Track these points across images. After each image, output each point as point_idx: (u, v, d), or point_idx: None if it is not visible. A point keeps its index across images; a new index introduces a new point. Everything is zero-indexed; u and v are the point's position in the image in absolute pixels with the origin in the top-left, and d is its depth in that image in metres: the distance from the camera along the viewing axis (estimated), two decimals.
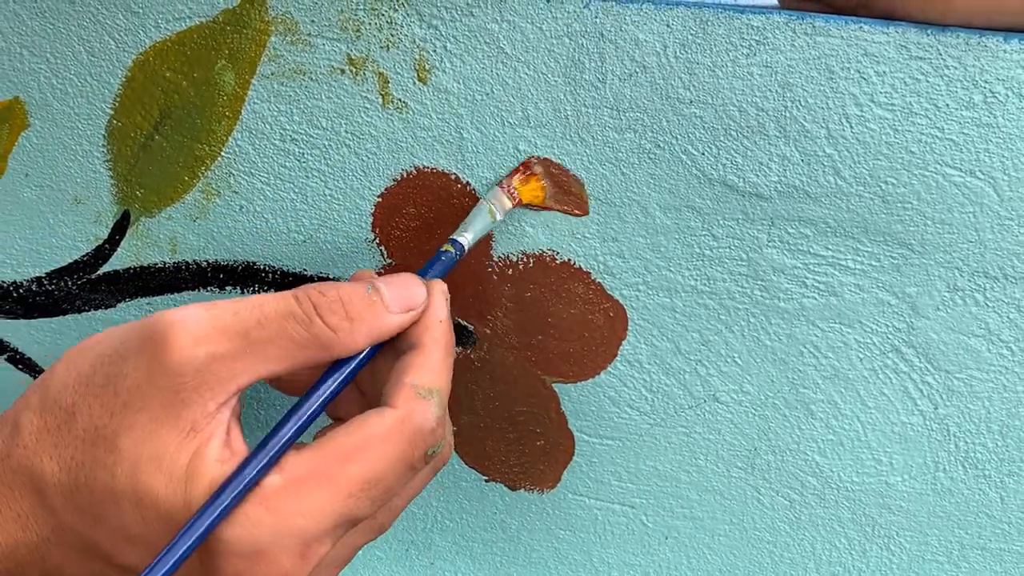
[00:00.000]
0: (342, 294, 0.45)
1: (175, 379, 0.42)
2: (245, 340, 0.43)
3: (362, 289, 0.46)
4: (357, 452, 0.43)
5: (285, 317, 0.44)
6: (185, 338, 0.42)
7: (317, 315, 0.44)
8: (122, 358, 0.43)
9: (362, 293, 0.46)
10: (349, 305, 0.45)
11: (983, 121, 0.52)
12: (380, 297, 0.46)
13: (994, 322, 0.56)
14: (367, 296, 0.46)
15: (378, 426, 0.44)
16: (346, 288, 0.45)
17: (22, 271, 0.63)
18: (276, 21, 0.56)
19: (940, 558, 0.62)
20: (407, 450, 0.44)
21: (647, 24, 0.53)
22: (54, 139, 0.60)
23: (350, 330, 0.45)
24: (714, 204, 0.56)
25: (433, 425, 0.45)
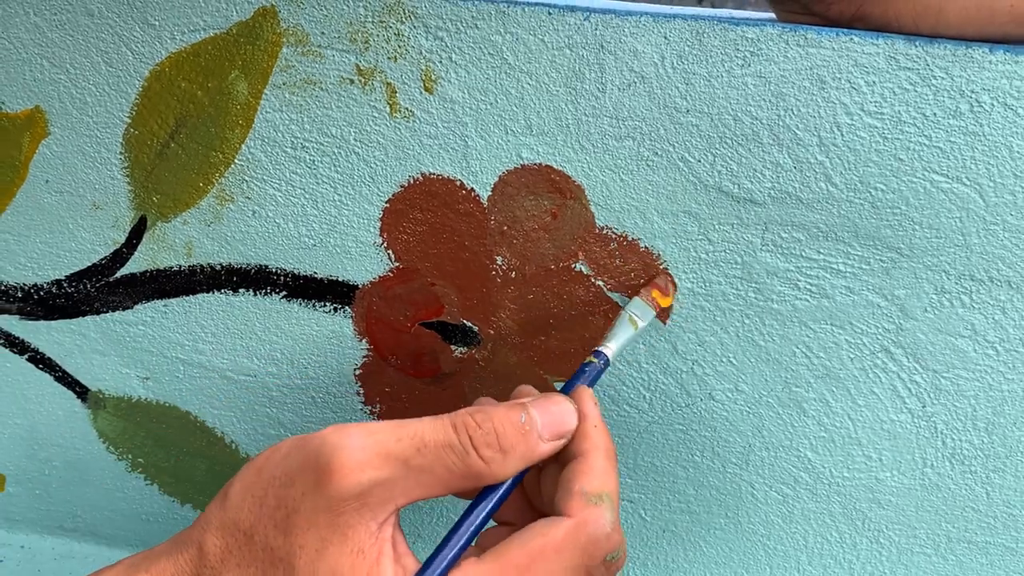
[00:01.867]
0: (496, 426, 0.45)
1: (339, 503, 0.43)
2: (405, 467, 0.43)
3: (516, 418, 0.46)
4: (533, 563, 0.43)
5: (443, 447, 0.44)
6: (349, 465, 0.43)
7: (473, 447, 0.44)
8: (291, 481, 0.44)
9: (516, 423, 0.45)
10: (503, 438, 0.45)
11: (969, 130, 0.52)
12: (533, 426, 0.46)
13: (980, 323, 0.56)
14: (520, 426, 0.45)
15: (553, 536, 0.44)
16: (500, 417, 0.45)
17: (43, 274, 0.63)
18: (287, 33, 0.56)
19: (928, 551, 0.62)
20: (583, 558, 0.44)
21: (645, 36, 0.53)
22: (73, 147, 0.60)
23: (503, 461, 0.45)
24: (710, 209, 0.56)
25: (608, 531, 0.44)
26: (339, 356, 0.63)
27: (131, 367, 0.65)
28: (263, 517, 0.44)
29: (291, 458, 0.44)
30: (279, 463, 0.45)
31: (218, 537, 0.45)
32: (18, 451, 0.69)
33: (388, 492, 0.43)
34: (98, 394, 0.66)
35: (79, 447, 0.68)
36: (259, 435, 0.66)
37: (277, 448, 0.46)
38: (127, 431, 0.67)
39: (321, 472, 0.43)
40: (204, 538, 0.45)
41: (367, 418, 0.64)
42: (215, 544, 0.45)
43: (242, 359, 0.64)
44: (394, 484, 0.43)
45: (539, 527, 0.44)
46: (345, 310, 0.61)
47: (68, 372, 0.66)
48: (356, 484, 0.43)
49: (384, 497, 0.43)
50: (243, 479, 0.45)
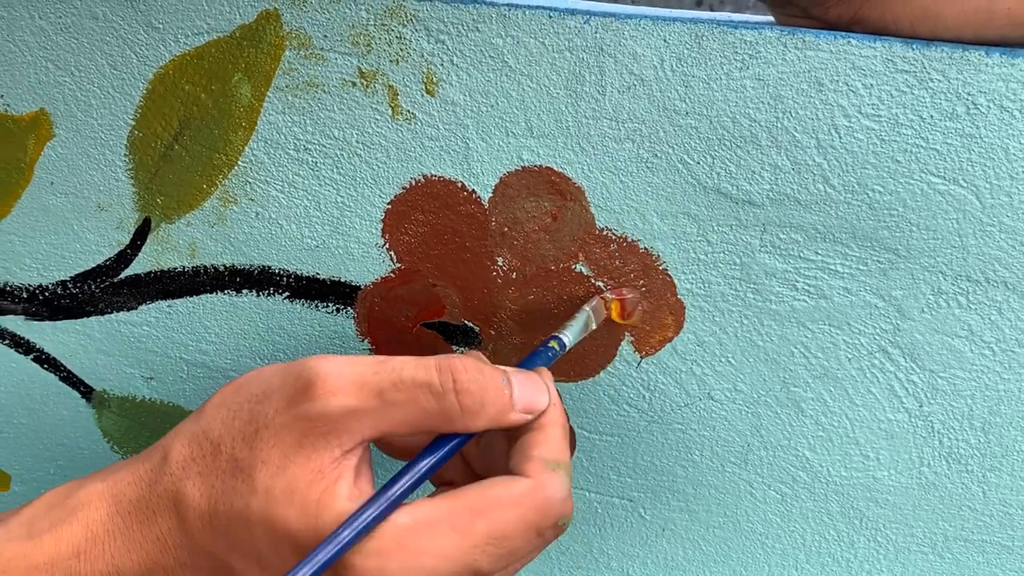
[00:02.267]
0: (481, 378, 0.45)
1: (306, 423, 0.43)
2: (379, 399, 0.44)
3: (499, 379, 0.46)
4: (488, 509, 0.44)
5: (421, 385, 0.45)
6: (324, 387, 0.43)
7: (454, 391, 0.45)
8: (266, 397, 0.45)
9: (498, 383, 0.46)
10: (482, 390, 0.45)
11: (966, 132, 0.52)
12: (511, 392, 0.47)
13: (976, 324, 0.56)
14: (500, 388, 0.46)
15: (510, 490, 0.44)
16: (486, 372, 0.46)
17: (48, 275, 0.63)
18: (290, 36, 0.56)
19: (925, 549, 0.62)
20: (537, 517, 0.44)
21: (645, 39, 0.53)
22: (78, 149, 0.60)
23: (476, 413, 0.46)
24: (709, 211, 0.56)
25: (563, 496, 0.45)
26: None
27: (135, 367, 0.65)
28: (233, 429, 0.45)
29: (272, 378, 0.45)
30: (259, 381, 0.45)
31: (185, 445, 0.46)
32: (23, 450, 0.69)
33: (357, 421, 0.44)
34: (102, 394, 0.66)
35: (84, 446, 0.68)
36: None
37: (261, 370, 0.46)
38: (131, 430, 0.67)
39: (297, 391, 0.44)
40: (171, 445, 0.46)
41: None
42: (181, 451, 0.46)
43: (245, 359, 0.64)
44: (364, 414, 0.44)
45: (499, 480, 0.45)
46: (347, 311, 0.61)
47: (73, 372, 0.66)
48: (327, 406, 0.43)
49: (352, 426, 0.44)
50: (221, 394, 0.46)
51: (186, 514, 0.45)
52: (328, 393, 0.43)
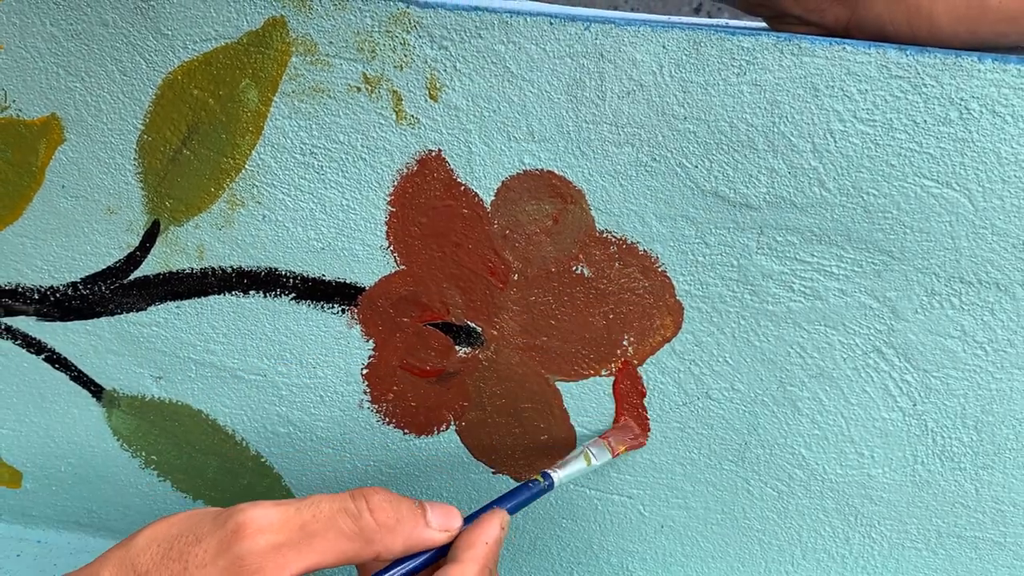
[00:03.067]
0: (391, 499, 0.47)
1: (237, 562, 0.44)
2: (301, 531, 0.45)
3: (411, 501, 0.48)
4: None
5: (338, 512, 0.46)
6: (253, 528, 0.44)
7: (368, 511, 0.46)
8: (198, 540, 0.45)
9: (410, 504, 0.48)
10: (396, 510, 0.47)
11: (959, 136, 0.52)
12: (424, 512, 0.48)
13: (969, 324, 0.56)
14: (413, 508, 0.48)
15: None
16: (397, 496, 0.47)
17: (59, 276, 0.63)
18: (297, 42, 0.56)
19: (919, 545, 0.62)
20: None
21: (644, 45, 0.53)
22: (89, 153, 0.60)
23: (391, 530, 0.47)
24: (707, 214, 0.56)
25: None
26: (346, 356, 0.63)
27: (144, 367, 0.65)
28: (162, 566, 0.45)
29: (204, 521, 0.46)
30: (192, 523, 0.46)
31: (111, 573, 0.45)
32: (35, 449, 0.69)
33: (283, 556, 0.44)
34: (112, 393, 0.66)
35: (94, 445, 0.68)
36: (269, 433, 0.66)
37: (195, 512, 0.47)
38: (140, 429, 0.67)
39: (227, 534, 0.44)
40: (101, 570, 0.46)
41: (373, 416, 0.64)
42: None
43: (252, 359, 0.64)
44: (289, 547, 0.44)
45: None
46: (352, 311, 0.61)
47: (83, 372, 0.66)
48: (255, 545, 0.44)
49: (280, 561, 0.44)
50: (154, 528, 0.46)
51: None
52: (256, 532, 0.44)
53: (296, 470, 0.67)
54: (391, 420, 0.64)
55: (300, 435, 0.66)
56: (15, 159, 0.61)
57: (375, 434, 0.65)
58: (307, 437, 0.66)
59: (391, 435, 0.64)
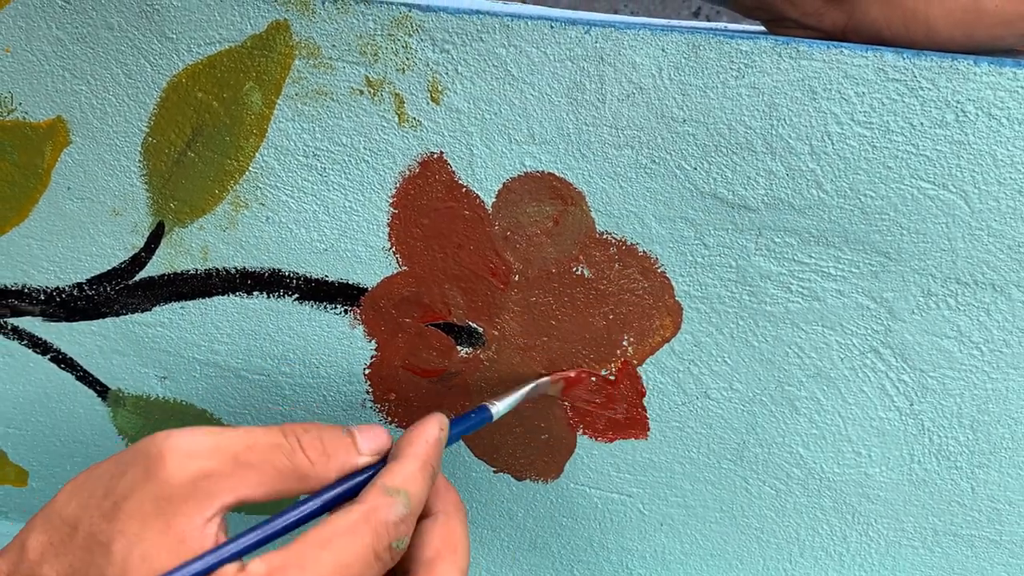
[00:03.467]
0: (322, 433, 0.47)
1: (165, 488, 0.43)
2: (234, 462, 0.44)
3: (339, 431, 0.47)
4: (330, 540, 0.43)
5: (272, 447, 0.45)
6: (178, 452, 0.43)
7: (300, 448, 0.46)
8: (121, 472, 0.44)
9: (339, 434, 0.47)
10: (327, 443, 0.47)
11: (955, 139, 0.52)
12: (353, 439, 0.48)
13: (965, 325, 0.56)
14: (343, 438, 0.47)
15: (346, 518, 0.44)
16: (326, 429, 0.47)
17: (64, 277, 0.63)
18: (300, 46, 0.56)
19: (915, 543, 0.62)
20: (372, 539, 0.44)
21: (644, 48, 0.53)
22: (94, 155, 0.60)
23: (325, 464, 0.46)
24: (706, 215, 0.56)
25: (396, 519, 0.45)
26: (349, 356, 0.63)
27: (149, 367, 0.65)
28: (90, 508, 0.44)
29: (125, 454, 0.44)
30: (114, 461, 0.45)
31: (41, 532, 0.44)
32: (41, 448, 0.69)
33: (215, 484, 0.43)
34: (118, 393, 0.66)
35: (100, 444, 0.68)
36: None
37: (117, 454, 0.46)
38: (146, 428, 0.67)
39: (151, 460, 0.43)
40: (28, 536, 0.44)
41: (377, 416, 0.64)
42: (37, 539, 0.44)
43: (256, 359, 0.64)
44: (222, 477, 0.43)
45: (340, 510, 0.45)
46: (355, 312, 0.61)
47: (89, 371, 0.66)
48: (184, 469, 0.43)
49: (211, 489, 0.43)
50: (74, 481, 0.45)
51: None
52: (185, 457, 0.43)
53: None
54: (393, 419, 0.64)
55: None
56: (21, 161, 0.61)
57: None
58: None
59: (394, 434, 0.64)
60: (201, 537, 0.43)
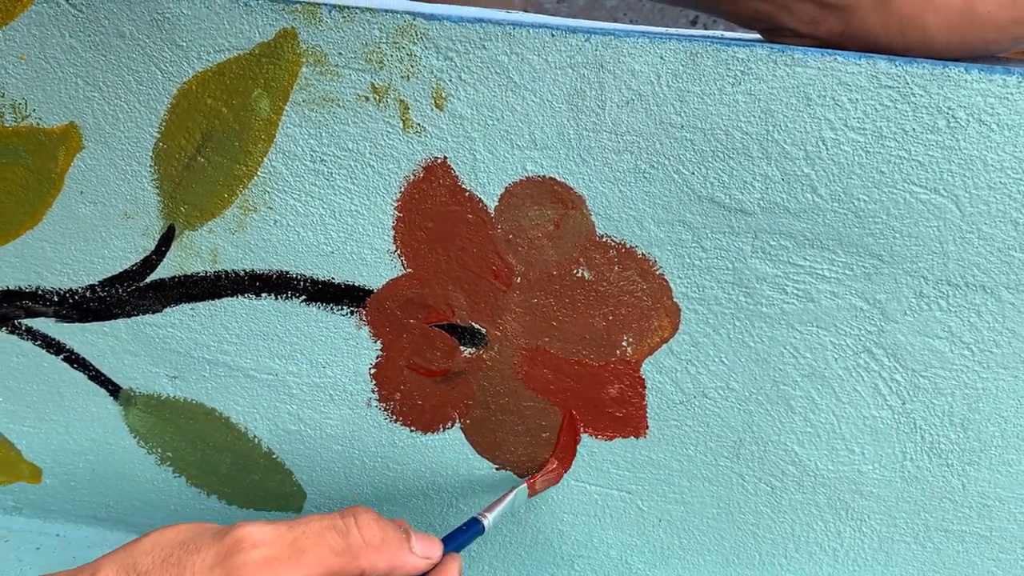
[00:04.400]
0: (378, 520, 0.49)
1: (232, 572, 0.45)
2: (293, 546, 0.47)
3: (396, 526, 0.50)
4: None
5: (327, 528, 0.48)
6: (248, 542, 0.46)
7: (356, 528, 0.48)
8: (198, 550, 0.46)
9: (395, 527, 0.50)
10: (383, 530, 0.49)
11: (946, 144, 0.53)
12: (408, 537, 0.50)
13: (956, 325, 0.56)
14: (398, 531, 0.49)
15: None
16: (382, 518, 0.49)
17: (77, 279, 0.63)
18: (307, 53, 0.56)
19: (907, 539, 0.62)
20: None
21: (643, 56, 0.53)
22: (106, 160, 0.60)
23: (378, 549, 0.49)
24: (703, 219, 0.56)
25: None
26: (355, 356, 0.63)
27: (160, 367, 0.65)
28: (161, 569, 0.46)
29: (205, 533, 0.47)
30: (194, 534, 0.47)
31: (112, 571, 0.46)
32: (54, 446, 0.69)
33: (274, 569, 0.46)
34: (129, 392, 0.66)
35: (111, 442, 0.68)
36: (280, 430, 0.66)
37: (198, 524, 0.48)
38: (156, 427, 0.67)
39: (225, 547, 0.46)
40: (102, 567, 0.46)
41: (381, 414, 0.64)
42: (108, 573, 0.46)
43: (264, 359, 0.64)
44: (281, 561, 0.46)
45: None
46: (361, 313, 0.61)
47: (101, 371, 0.66)
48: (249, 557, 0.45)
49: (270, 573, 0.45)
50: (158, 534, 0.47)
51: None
52: (251, 546, 0.46)
53: (306, 466, 0.67)
54: (398, 418, 0.64)
55: (310, 432, 0.66)
56: (35, 166, 0.61)
57: (383, 432, 0.65)
58: (317, 434, 0.66)
59: (398, 432, 0.65)
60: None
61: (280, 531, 0.47)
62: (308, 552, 0.47)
